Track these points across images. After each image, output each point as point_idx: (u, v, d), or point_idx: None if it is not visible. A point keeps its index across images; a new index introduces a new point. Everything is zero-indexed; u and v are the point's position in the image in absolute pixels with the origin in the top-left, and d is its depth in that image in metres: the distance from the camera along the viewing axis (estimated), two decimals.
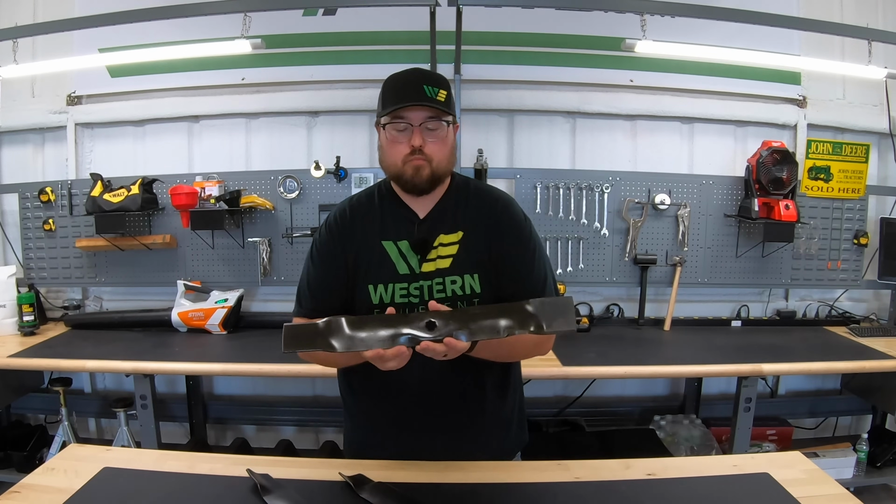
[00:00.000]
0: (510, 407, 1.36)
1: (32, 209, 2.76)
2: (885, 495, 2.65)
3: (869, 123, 2.83)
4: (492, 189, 1.36)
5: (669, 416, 2.72)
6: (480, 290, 1.23)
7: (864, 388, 2.66)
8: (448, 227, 1.26)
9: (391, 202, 1.29)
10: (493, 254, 1.25)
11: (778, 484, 1.16)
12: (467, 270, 1.23)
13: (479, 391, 1.29)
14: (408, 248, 1.24)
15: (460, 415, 1.28)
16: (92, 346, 2.39)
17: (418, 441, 1.28)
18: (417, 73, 1.22)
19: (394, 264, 1.24)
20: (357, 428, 1.37)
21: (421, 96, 1.17)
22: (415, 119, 1.18)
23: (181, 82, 2.74)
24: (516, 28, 2.68)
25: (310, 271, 1.29)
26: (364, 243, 1.26)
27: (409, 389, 1.25)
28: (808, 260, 2.80)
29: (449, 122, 1.22)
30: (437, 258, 1.24)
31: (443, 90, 1.20)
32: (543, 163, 2.78)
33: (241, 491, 1.12)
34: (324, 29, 2.68)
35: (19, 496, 1.10)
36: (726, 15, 2.27)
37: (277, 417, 2.94)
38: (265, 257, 2.69)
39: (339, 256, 1.26)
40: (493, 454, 1.31)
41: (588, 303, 2.84)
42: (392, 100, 1.19)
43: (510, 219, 1.28)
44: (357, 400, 1.34)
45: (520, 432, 1.41)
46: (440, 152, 1.21)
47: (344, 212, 1.30)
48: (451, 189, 1.30)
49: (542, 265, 1.28)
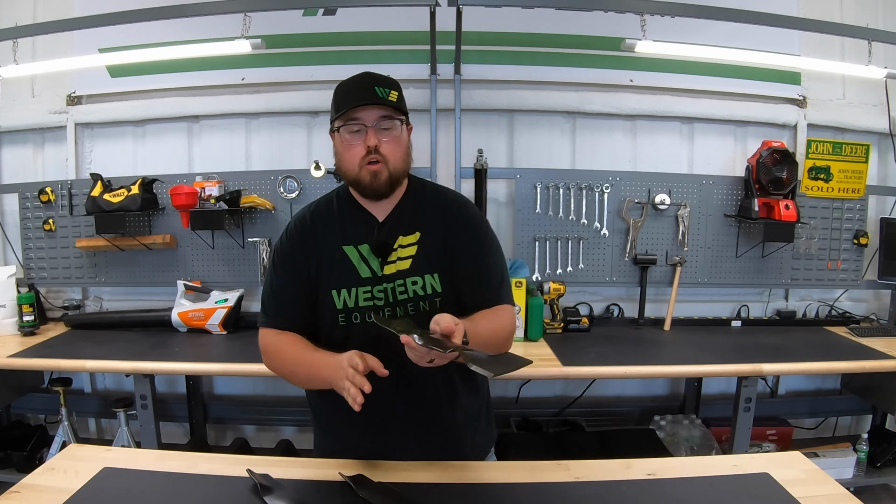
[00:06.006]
0: (479, 403, 1.38)
1: (32, 209, 2.76)
2: (885, 495, 2.65)
3: (869, 123, 2.83)
4: (448, 190, 1.38)
5: (669, 416, 2.72)
6: (441, 289, 1.25)
7: (864, 388, 2.66)
8: (406, 229, 1.27)
9: (350, 207, 1.30)
10: (449, 251, 1.26)
11: (778, 484, 1.16)
12: (427, 270, 1.25)
13: (450, 388, 1.29)
14: (368, 251, 1.26)
15: (432, 412, 1.28)
16: (92, 346, 2.38)
17: (389, 440, 1.28)
18: (367, 75, 1.25)
19: (356, 268, 1.25)
20: (325, 431, 1.37)
21: (373, 96, 1.19)
22: (368, 119, 1.20)
23: (181, 82, 2.74)
24: (516, 28, 2.68)
25: (273, 280, 1.30)
26: (325, 249, 1.27)
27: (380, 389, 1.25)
28: (808, 260, 2.80)
29: (402, 122, 1.23)
30: (398, 260, 1.25)
31: (394, 91, 1.22)
32: (543, 163, 2.78)
33: (241, 491, 1.12)
34: (324, 29, 2.68)
35: (19, 496, 1.10)
36: (726, 15, 2.27)
37: (277, 417, 2.94)
38: (265, 257, 2.69)
39: (301, 263, 1.27)
40: (465, 450, 1.31)
41: (588, 303, 2.84)
42: (344, 103, 1.21)
43: (465, 217, 1.30)
44: (323, 401, 1.32)
45: (488, 428, 1.42)
46: (395, 153, 1.22)
47: (304, 219, 1.31)
48: (409, 191, 1.31)
49: (497, 265, 1.30)
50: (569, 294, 2.66)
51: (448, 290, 1.25)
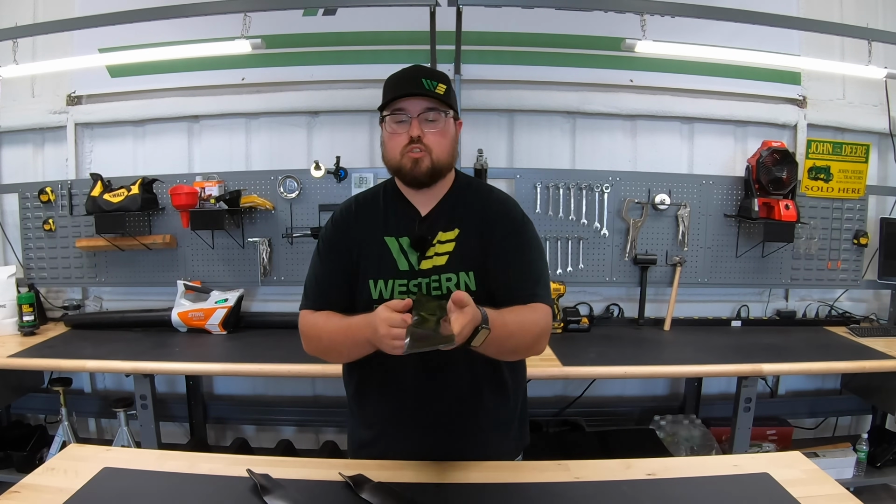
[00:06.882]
0: (510, 409, 1.35)
1: (32, 209, 2.76)
2: (885, 495, 2.65)
3: (869, 123, 2.83)
4: (493, 188, 1.36)
5: (669, 416, 2.72)
6: (475, 287, 1.24)
7: (864, 388, 2.66)
8: (446, 225, 1.27)
9: (395, 199, 1.30)
10: (485, 249, 1.25)
11: (778, 484, 1.16)
12: (462, 268, 1.24)
13: (474, 391, 1.29)
14: (409, 244, 1.26)
15: (455, 415, 1.28)
16: (92, 346, 2.38)
17: (414, 439, 1.28)
18: (416, 68, 1.25)
19: (395, 260, 1.25)
20: (357, 426, 1.38)
21: (419, 87, 1.19)
22: (412, 109, 1.20)
23: (181, 82, 2.74)
24: (516, 28, 2.68)
25: (316, 265, 1.31)
26: (367, 238, 1.27)
27: (406, 389, 1.26)
28: (808, 260, 2.80)
29: (448, 114, 1.23)
30: (435, 255, 1.25)
31: (442, 84, 1.21)
32: (543, 163, 2.78)
33: (241, 491, 1.12)
34: (324, 29, 2.68)
35: (19, 496, 1.10)
36: (726, 15, 2.27)
37: (277, 417, 2.94)
38: (265, 257, 2.69)
39: (344, 250, 1.28)
40: (491, 456, 1.30)
41: (588, 303, 2.84)
42: (390, 92, 1.22)
43: (505, 215, 1.28)
44: (358, 398, 1.35)
45: (520, 434, 1.40)
46: (440, 144, 1.22)
47: (349, 207, 1.33)
48: (454, 187, 1.31)
49: (535, 264, 1.27)
50: (569, 294, 2.66)
51: (482, 290, 1.23)
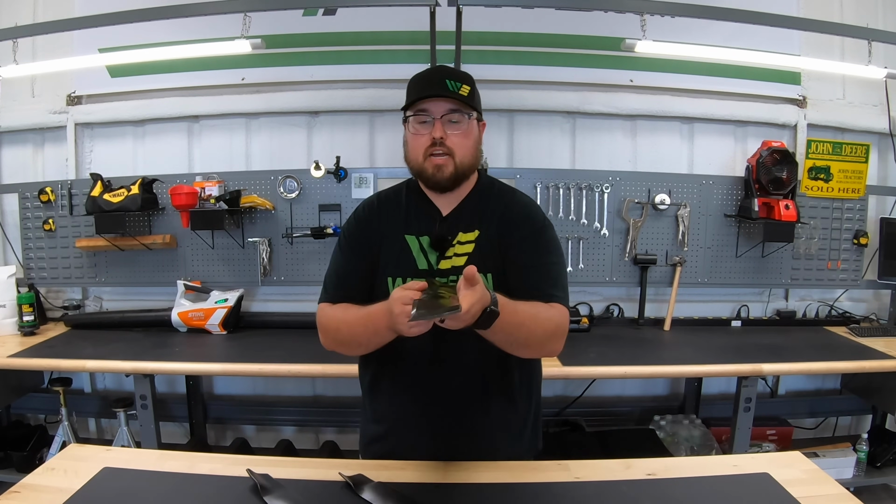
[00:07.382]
0: (521, 413, 1.35)
1: (32, 209, 2.76)
2: (885, 495, 2.65)
3: (869, 123, 2.83)
4: (515, 191, 1.36)
5: (669, 416, 2.72)
6: (493, 289, 1.22)
7: (864, 388, 2.66)
8: (467, 226, 1.27)
9: (417, 198, 1.31)
10: (505, 251, 1.25)
11: (778, 484, 1.16)
12: (481, 269, 1.21)
13: (482, 393, 1.28)
14: (429, 244, 1.26)
15: (462, 415, 1.28)
16: (92, 346, 2.38)
17: (422, 437, 1.28)
18: (441, 68, 1.28)
19: (414, 259, 1.26)
20: (368, 420, 1.38)
21: (443, 89, 1.19)
22: (436, 111, 1.20)
23: (181, 82, 2.74)
24: (516, 28, 2.68)
25: (337, 259, 1.32)
26: (388, 235, 1.28)
27: (416, 385, 1.27)
28: (808, 260, 2.81)
29: (471, 116, 1.23)
30: (454, 256, 1.25)
31: (466, 85, 1.21)
32: (543, 163, 2.78)
33: (241, 491, 1.12)
34: (324, 29, 2.67)
35: (19, 496, 1.10)
36: (726, 15, 2.27)
37: (277, 417, 2.94)
38: (265, 257, 2.69)
39: (365, 246, 1.28)
40: (500, 459, 1.28)
41: (588, 303, 2.84)
42: (414, 93, 1.22)
43: (525, 217, 1.28)
44: (371, 392, 1.36)
45: (532, 439, 1.39)
46: (463, 146, 1.22)
47: (372, 203, 1.34)
48: (476, 188, 1.31)
49: (554, 267, 1.26)
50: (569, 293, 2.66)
51: (500, 292, 1.20)
